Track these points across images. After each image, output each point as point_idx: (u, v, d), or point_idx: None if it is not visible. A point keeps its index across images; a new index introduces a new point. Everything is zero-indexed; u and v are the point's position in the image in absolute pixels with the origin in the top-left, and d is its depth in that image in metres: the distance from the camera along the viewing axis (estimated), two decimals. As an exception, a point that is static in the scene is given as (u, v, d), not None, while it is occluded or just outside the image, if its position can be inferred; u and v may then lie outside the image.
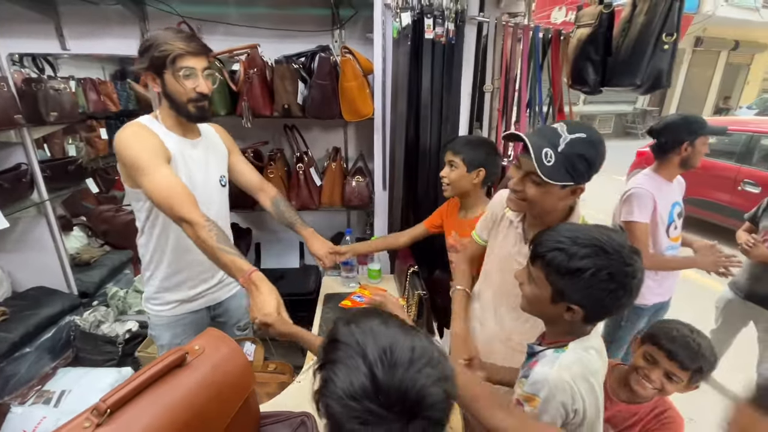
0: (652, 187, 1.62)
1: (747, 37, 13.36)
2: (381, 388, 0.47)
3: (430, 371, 0.49)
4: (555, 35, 1.62)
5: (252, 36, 1.85)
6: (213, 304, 1.45)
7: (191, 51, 1.09)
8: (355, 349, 0.50)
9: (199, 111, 1.17)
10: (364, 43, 1.88)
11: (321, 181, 1.91)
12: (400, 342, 0.51)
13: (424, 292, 1.42)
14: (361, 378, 0.47)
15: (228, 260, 1.02)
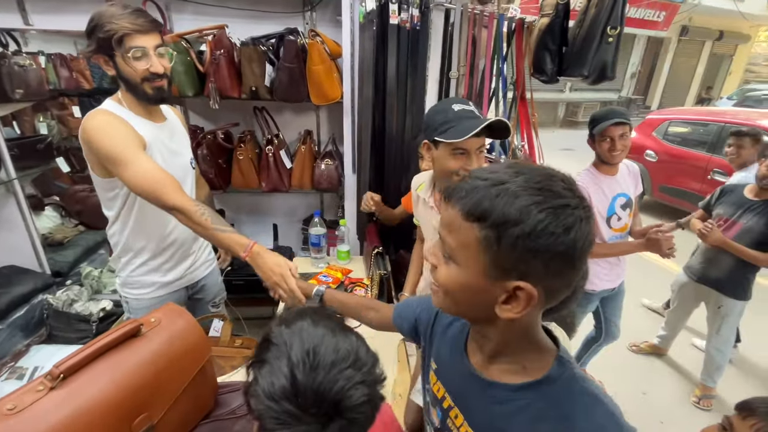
0: (589, 182, 1.68)
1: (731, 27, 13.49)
2: (299, 390, 0.47)
3: (352, 373, 0.49)
4: (519, 24, 1.65)
5: (222, 16, 1.84)
6: (191, 284, 1.46)
7: (139, 29, 1.03)
8: (281, 350, 0.50)
9: (156, 92, 1.12)
10: (334, 26, 1.89)
11: (291, 163, 1.94)
12: (326, 343, 0.51)
13: (384, 272, 1.49)
14: (282, 379, 0.48)
15: (226, 238, 1.04)
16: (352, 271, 1.79)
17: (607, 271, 1.83)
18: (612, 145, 1.58)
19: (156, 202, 1.03)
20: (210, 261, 1.54)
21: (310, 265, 1.88)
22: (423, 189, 1.25)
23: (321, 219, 1.81)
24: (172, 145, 1.23)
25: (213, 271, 1.55)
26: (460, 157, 1.04)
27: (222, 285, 1.64)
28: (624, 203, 1.74)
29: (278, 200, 2.26)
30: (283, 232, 2.36)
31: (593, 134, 1.62)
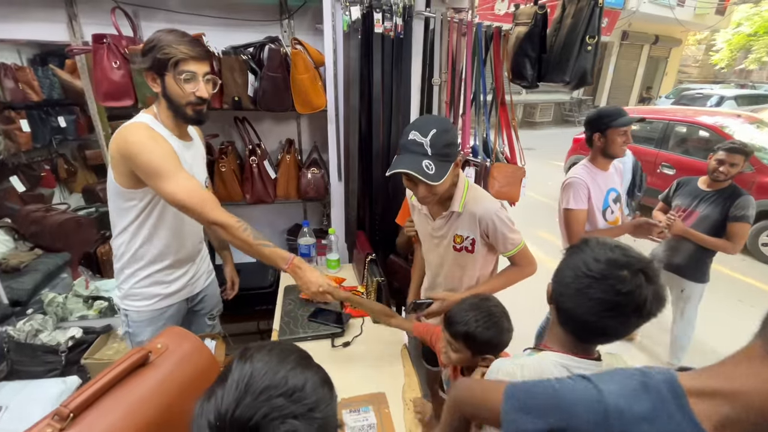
0: (586, 176, 1.77)
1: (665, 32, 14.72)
2: (221, 415, 0.43)
3: (283, 403, 0.44)
4: (496, 32, 1.72)
5: (195, 24, 1.77)
6: (192, 295, 1.44)
7: (194, 56, 1.11)
8: (223, 378, 0.47)
9: (196, 114, 1.18)
10: (314, 34, 1.88)
11: (275, 173, 1.90)
12: (267, 371, 0.47)
13: (382, 278, 1.49)
14: (211, 407, 0.45)
15: (269, 252, 1.14)
16: (345, 279, 1.78)
17: None
18: (626, 139, 1.69)
19: (198, 217, 1.10)
20: (210, 272, 1.52)
21: (299, 276, 1.84)
22: (414, 196, 1.28)
23: (310, 229, 1.78)
24: (193, 165, 1.28)
25: (212, 282, 1.55)
26: (409, 184, 1.16)
27: (220, 297, 1.62)
28: (615, 197, 1.86)
29: (259, 212, 2.20)
30: (265, 243, 2.30)
31: (609, 127, 1.69)
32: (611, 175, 1.86)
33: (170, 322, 1.37)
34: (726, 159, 2.04)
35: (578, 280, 0.72)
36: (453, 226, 1.25)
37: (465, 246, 1.26)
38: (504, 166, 1.76)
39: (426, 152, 1.06)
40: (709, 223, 2.12)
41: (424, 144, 1.06)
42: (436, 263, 1.36)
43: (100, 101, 1.60)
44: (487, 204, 1.21)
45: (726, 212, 2.07)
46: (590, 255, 0.73)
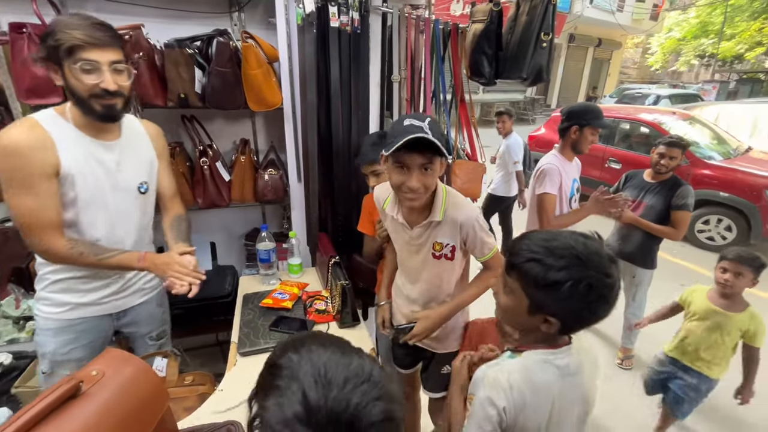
0: (558, 164, 1.88)
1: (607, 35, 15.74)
2: (312, 411, 0.44)
3: (367, 389, 0.46)
4: (453, 29, 1.72)
5: (131, 14, 1.63)
6: (117, 312, 1.30)
7: (92, 42, 0.96)
8: (290, 373, 0.48)
9: (106, 109, 1.04)
10: (266, 28, 1.78)
11: (230, 175, 1.79)
12: (337, 362, 0.48)
13: (346, 281, 1.43)
14: (294, 403, 0.44)
15: (117, 261, 1.11)
16: (308, 284, 1.71)
17: None
18: (595, 139, 1.86)
19: (29, 243, 1.05)
20: (146, 290, 1.38)
21: (259, 282, 1.75)
22: (389, 205, 1.24)
23: (269, 233, 1.69)
24: (116, 169, 1.16)
25: (148, 301, 1.39)
26: (401, 171, 1.05)
27: (163, 318, 1.47)
28: (578, 187, 2.01)
29: (214, 216, 2.07)
30: (222, 250, 2.17)
31: (588, 124, 1.82)
32: (574, 166, 2.00)
33: (83, 338, 1.24)
34: (666, 152, 2.19)
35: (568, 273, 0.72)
36: (432, 234, 1.20)
37: (444, 253, 1.22)
38: (465, 163, 1.77)
39: (427, 131, 0.99)
40: (655, 212, 2.26)
41: (424, 127, 1.00)
42: (414, 270, 1.31)
43: (23, 98, 1.42)
44: (468, 211, 1.18)
45: (669, 202, 2.22)
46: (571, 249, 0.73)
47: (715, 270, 1.68)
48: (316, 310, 1.53)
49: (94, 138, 1.10)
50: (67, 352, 1.22)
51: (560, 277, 0.72)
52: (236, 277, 2.01)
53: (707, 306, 1.70)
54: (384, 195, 1.28)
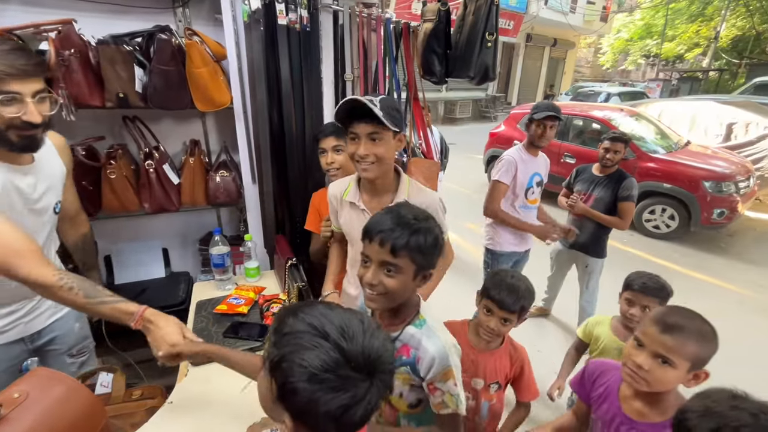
0: (517, 157, 2.06)
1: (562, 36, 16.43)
2: (349, 356, 0.54)
3: (379, 334, 0.59)
4: (405, 28, 1.73)
5: (64, 9, 1.52)
6: (29, 335, 1.20)
7: (14, 73, 0.89)
8: (314, 333, 0.56)
9: (25, 140, 0.97)
10: (214, 25, 1.72)
11: (179, 178, 1.71)
12: (349, 318, 0.59)
13: (303, 283, 1.42)
14: (330, 353, 0.54)
15: (109, 311, 0.95)
16: (266, 287, 1.67)
17: (514, 238, 2.22)
18: (543, 131, 1.99)
19: (6, 274, 0.90)
20: (57, 306, 1.26)
21: (215, 288, 1.69)
22: (350, 193, 1.24)
23: (222, 236, 1.64)
24: (33, 194, 1.09)
25: (64, 317, 1.29)
26: (353, 142, 1.11)
27: (83, 332, 1.37)
28: (539, 181, 2.16)
29: (165, 221, 1.98)
30: (176, 256, 2.09)
31: (531, 119, 2.00)
32: (539, 161, 2.15)
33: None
34: (610, 147, 2.33)
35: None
36: None
37: None
38: (421, 161, 1.79)
39: (375, 103, 1.03)
40: (603, 203, 2.40)
41: (374, 101, 1.04)
42: None
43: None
44: (432, 194, 1.23)
45: (616, 193, 2.35)
46: None
47: (620, 299, 1.54)
48: (273, 314, 1.49)
49: (10, 163, 1.02)
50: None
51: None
52: (190, 283, 1.94)
53: (615, 341, 1.53)
54: (342, 186, 1.29)
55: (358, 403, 0.53)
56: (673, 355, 0.90)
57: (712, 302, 3.33)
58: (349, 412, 0.53)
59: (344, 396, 0.53)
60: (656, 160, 4.59)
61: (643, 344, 0.94)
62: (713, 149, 5.14)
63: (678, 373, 0.90)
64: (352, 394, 0.53)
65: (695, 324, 0.92)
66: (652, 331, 0.93)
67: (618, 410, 1.04)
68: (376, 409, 0.56)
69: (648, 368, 0.92)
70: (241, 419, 1.05)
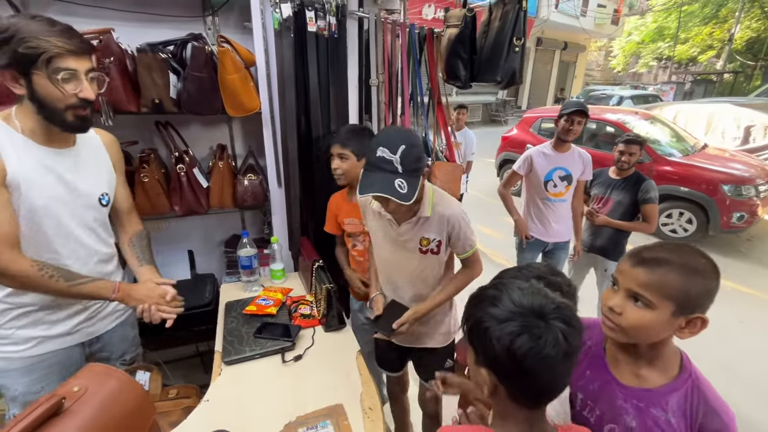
0: (536, 152, 2.29)
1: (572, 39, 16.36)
2: (523, 307, 0.63)
3: (540, 292, 0.67)
4: (429, 33, 1.76)
5: (100, 18, 1.58)
6: (89, 339, 1.22)
7: (73, 50, 0.92)
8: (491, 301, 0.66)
9: (79, 120, 0.99)
10: (242, 32, 1.76)
11: (207, 182, 1.75)
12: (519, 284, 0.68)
13: (331, 285, 1.44)
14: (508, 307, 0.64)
15: (90, 289, 1.05)
16: (292, 289, 1.70)
17: (538, 227, 2.39)
18: (569, 125, 2.12)
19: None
20: (118, 313, 1.31)
21: (241, 290, 1.72)
22: (376, 203, 1.27)
23: (250, 239, 1.67)
24: (71, 177, 1.07)
25: (122, 323, 1.32)
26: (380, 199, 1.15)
27: (135, 340, 1.40)
28: (563, 176, 2.28)
29: (191, 224, 2.02)
30: (201, 258, 2.12)
31: (560, 116, 2.15)
32: (566, 158, 2.27)
33: (55, 372, 1.15)
34: (625, 149, 2.34)
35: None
36: (420, 229, 1.25)
37: (431, 248, 1.27)
38: (444, 165, 1.81)
39: (396, 170, 1.04)
40: (623, 207, 2.39)
41: (394, 161, 1.03)
42: (397, 266, 1.34)
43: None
44: (454, 206, 1.25)
45: (635, 197, 2.34)
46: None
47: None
48: (301, 314, 1.52)
49: (44, 145, 1.02)
50: (40, 390, 1.13)
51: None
52: (216, 285, 1.97)
53: None
54: None
55: (541, 339, 0.60)
56: (647, 291, 0.73)
57: (734, 308, 3.28)
58: (535, 348, 0.60)
59: (527, 335, 0.60)
60: (673, 164, 4.54)
61: (618, 283, 0.79)
62: (731, 152, 5.07)
63: (658, 315, 0.73)
64: (534, 334, 0.60)
65: (678, 256, 0.74)
66: (625, 266, 0.78)
67: (608, 376, 0.84)
68: (572, 346, 0.62)
69: (620, 311, 0.76)
70: (277, 418, 1.07)
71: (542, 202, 2.35)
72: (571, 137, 2.18)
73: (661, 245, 0.78)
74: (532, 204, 2.42)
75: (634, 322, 0.75)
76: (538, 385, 0.63)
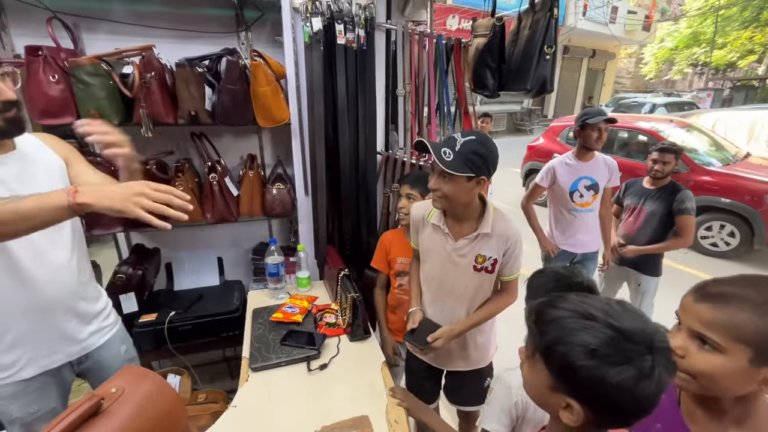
0: (558, 163, 2.25)
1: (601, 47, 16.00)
2: (624, 332, 0.53)
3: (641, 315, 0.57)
4: (456, 43, 1.76)
5: (143, 36, 1.67)
6: (76, 358, 1.18)
7: None
8: (578, 316, 0.56)
9: (8, 123, 0.92)
10: (273, 46, 1.82)
11: (238, 190, 1.80)
12: (608, 302, 0.59)
13: (357, 294, 1.44)
14: (603, 331, 0.54)
15: (35, 203, 0.81)
16: (318, 297, 1.71)
17: (564, 237, 2.35)
18: (599, 135, 2.09)
19: None
20: (105, 329, 1.25)
21: (268, 297, 1.75)
22: (434, 216, 1.29)
23: (277, 247, 1.70)
24: (17, 181, 1.00)
25: (110, 340, 1.26)
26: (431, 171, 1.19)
27: (128, 354, 1.34)
28: (589, 185, 2.23)
29: (221, 231, 2.08)
30: (229, 265, 2.18)
31: (586, 124, 2.09)
32: (591, 166, 2.21)
33: (48, 393, 1.12)
34: (659, 158, 2.25)
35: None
36: (477, 246, 1.25)
37: (485, 266, 1.27)
38: (470, 175, 1.79)
39: (454, 146, 1.10)
40: (657, 218, 2.29)
41: (457, 140, 1.11)
42: (448, 284, 1.33)
43: (37, 119, 1.45)
44: (514, 226, 1.26)
45: (670, 207, 2.24)
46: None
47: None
48: (326, 323, 1.52)
49: None
50: (36, 411, 1.10)
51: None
52: (243, 291, 2.01)
53: None
54: (426, 207, 1.34)
55: (647, 377, 0.51)
56: (713, 332, 0.62)
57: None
58: (640, 386, 0.51)
59: (631, 369, 0.51)
60: (712, 173, 4.32)
61: (680, 321, 0.69)
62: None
63: (730, 362, 0.61)
64: (638, 368, 0.51)
65: (755, 291, 0.61)
66: (687, 301, 0.68)
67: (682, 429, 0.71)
68: (664, 388, 0.53)
69: (683, 353, 0.66)
70: (303, 427, 1.07)
71: (568, 213, 2.29)
72: (599, 146, 2.14)
73: (733, 278, 0.66)
74: (558, 215, 2.36)
75: (701, 368, 0.64)
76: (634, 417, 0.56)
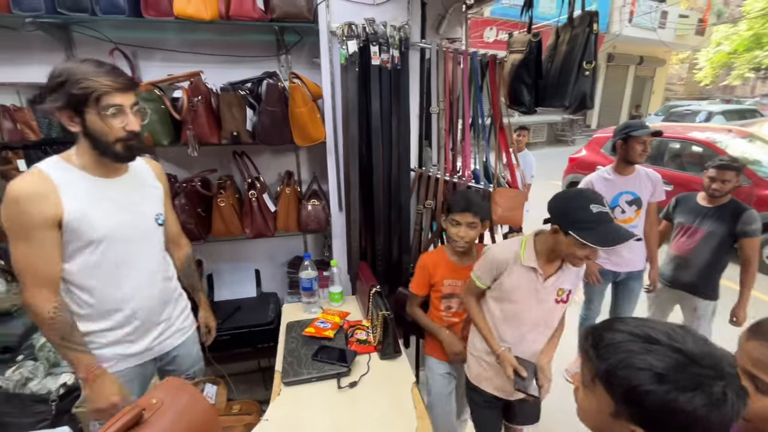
0: (596, 178, 2.18)
1: (649, 53, 15.22)
2: (693, 356, 0.51)
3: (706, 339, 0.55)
4: (491, 60, 1.75)
5: (193, 62, 1.80)
6: (160, 355, 1.31)
7: (118, 87, 1.01)
8: (639, 340, 0.54)
9: (127, 150, 1.08)
10: (310, 68, 1.90)
11: (275, 206, 1.87)
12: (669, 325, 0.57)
13: (388, 312, 1.43)
14: (669, 354, 0.51)
15: (72, 357, 1.08)
16: (350, 313, 1.72)
17: (609, 257, 2.24)
18: (644, 148, 2.00)
19: (21, 292, 1.05)
20: (185, 329, 1.39)
21: (302, 310, 1.78)
22: (527, 258, 1.29)
23: (312, 261, 1.74)
24: (127, 201, 1.16)
25: (188, 340, 1.40)
26: (586, 250, 1.15)
27: (199, 355, 1.48)
28: (630, 200, 2.13)
29: (259, 245, 2.16)
30: (266, 277, 2.25)
31: (629, 137, 2.01)
32: (632, 180, 2.12)
33: (132, 386, 1.23)
34: (717, 176, 2.06)
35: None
36: (559, 280, 1.31)
37: (563, 298, 1.32)
38: (506, 191, 1.75)
39: (617, 226, 1.13)
40: (716, 239, 2.10)
41: (610, 213, 1.14)
42: (531, 318, 1.35)
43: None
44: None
45: (732, 227, 2.05)
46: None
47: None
48: (357, 340, 1.53)
49: (101, 177, 1.11)
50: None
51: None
52: (279, 304, 2.07)
53: None
54: (512, 249, 1.33)
55: (720, 403, 0.48)
56: (762, 372, 0.61)
57: None
58: (714, 413, 0.47)
59: (702, 395, 0.48)
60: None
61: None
62: None
63: None
64: (709, 393, 0.48)
65: None
66: (742, 337, 0.67)
67: None
68: (739, 415, 0.49)
69: None
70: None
71: None
72: (643, 159, 2.05)
73: None
74: None
75: (755, 412, 0.60)
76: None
